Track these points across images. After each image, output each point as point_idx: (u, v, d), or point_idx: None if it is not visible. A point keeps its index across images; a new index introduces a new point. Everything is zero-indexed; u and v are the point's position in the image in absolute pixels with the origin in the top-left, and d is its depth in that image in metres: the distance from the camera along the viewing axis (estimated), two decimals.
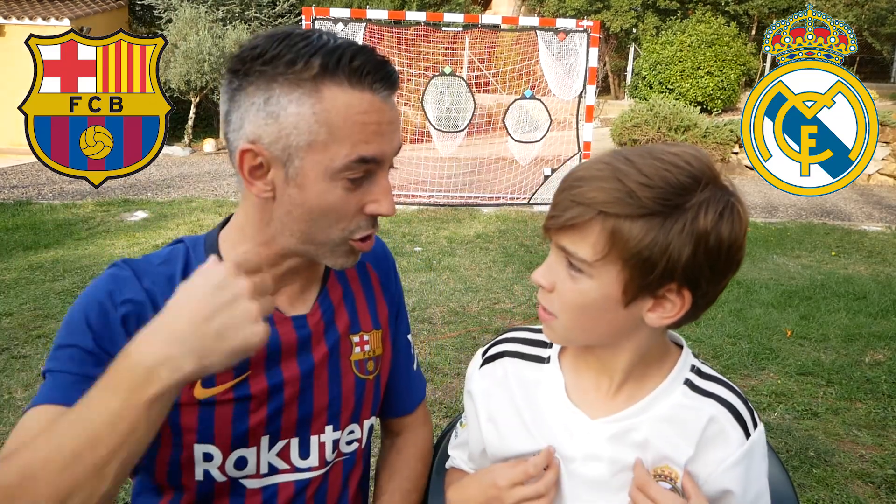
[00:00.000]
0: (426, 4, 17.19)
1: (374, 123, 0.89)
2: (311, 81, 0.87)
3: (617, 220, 0.80)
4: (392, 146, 0.93)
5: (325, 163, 0.89)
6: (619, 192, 0.80)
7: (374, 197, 0.93)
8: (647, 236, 0.80)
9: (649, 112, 13.46)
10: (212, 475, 1.00)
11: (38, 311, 4.44)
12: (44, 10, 14.75)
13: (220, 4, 16.34)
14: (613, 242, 0.81)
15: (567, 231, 0.83)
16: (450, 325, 4.44)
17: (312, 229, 0.93)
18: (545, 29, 8.77)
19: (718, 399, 0.94)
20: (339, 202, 0.91)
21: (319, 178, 0.90)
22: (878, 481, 2.74)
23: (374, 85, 0.89)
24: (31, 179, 10.27)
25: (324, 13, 8.47)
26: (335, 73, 0.88)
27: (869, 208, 9.97)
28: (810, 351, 4.13)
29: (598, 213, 0.81)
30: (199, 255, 1.03)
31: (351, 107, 0.88)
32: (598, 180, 0.82)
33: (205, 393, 0.97)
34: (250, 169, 0.92)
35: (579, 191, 0.82)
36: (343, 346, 1.08)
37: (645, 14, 18.01)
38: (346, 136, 0.88)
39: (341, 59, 0.88)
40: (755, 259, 6.51)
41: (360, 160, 0.89)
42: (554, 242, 0.86)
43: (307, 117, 0.88)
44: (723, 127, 13.50)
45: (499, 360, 1.02)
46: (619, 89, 18.94)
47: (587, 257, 0.83)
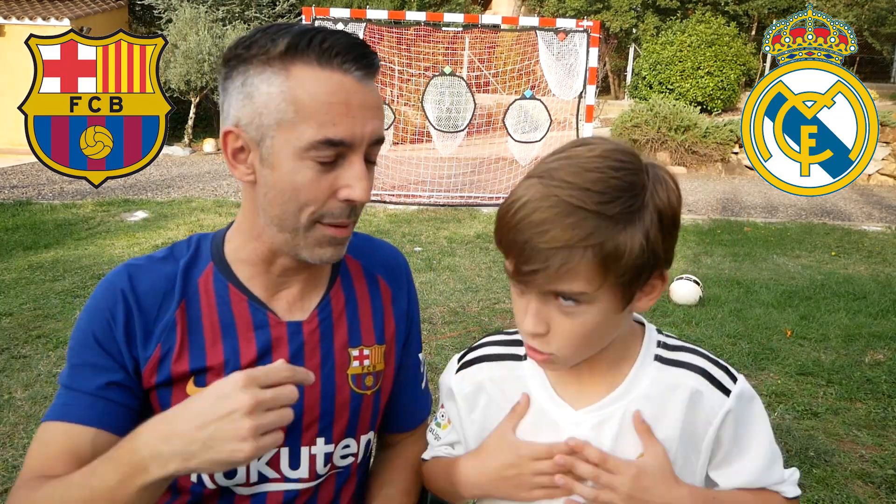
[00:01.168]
0: (426, 4, 17.18)
1: (342, 104, 0.88)
2: (280, 60, 0.88)
3: (602, 247, 0.79)
4: (364, 130, 0.89)
5: (294, 142, 0.88)
6: (588, 219, 0.78)
7: (346, 181, 0.90)
8: (633, 246, 0.80)
9: (649, 112, 13.47)
10: (203, 480, 1.00)
11: (38, 311, 4.44)
12: (44, 10, 14.75)
13: (219, 4, 16.34)
14: (607, 267, 0.80)
15: (550, 276, 0.80)
16: (450, 325, 4.44)
17: (285, 213, 0.92)
18: (545, 29, 8.77)
19: (690, 367, 0.94)
20: (308, 183, 0.89)
21: (289, 158, 0.89)
22: (878, 481, 2.74)
23: (346, 65, 0.88)
24: (31, 179, 10.27)
25: (324, 13, 8.47)
26: (305, 53, 0.88)
27: (869, 208, 9.97)
28: (810, 351, 4.13)
29: (584, 248, 0.78)
30: (204, 253, 1.03)
31: (318, 85, 0.87)
32: (561, 217, 0.79)
33: (197, 391, 0.96)
34: (233, 151, 0.94)
35: (551, 235, 0.78)
36: (339, 358, 1.06)
37: (645, 14, 18.01)
38: (312, 116, 0.87)
39: (312, 40, 0.88)
40: (755, 259, 6.51)
41: (327, 142, 0.87)
42: (537, 291, 0.83)
43: (276, 96, 0.88)
44: (723, 127, 13.50)
45: (476, 365, 1.03)
46: (619, 89, 18.94)
47: (587, 290, 0.81)
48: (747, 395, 0.94)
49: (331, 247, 0.95)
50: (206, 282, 1.01)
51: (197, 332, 0.99)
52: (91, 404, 0.93)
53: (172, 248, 1.05)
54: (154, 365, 0.97)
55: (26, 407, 3.16)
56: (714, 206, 9.70)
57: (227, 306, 1.00)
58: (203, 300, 1.00)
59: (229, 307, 1.00)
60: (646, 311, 0.92)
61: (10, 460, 2.72)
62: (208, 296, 1.00)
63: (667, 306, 4.85)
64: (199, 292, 1.00)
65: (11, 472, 2.64)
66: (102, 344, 0.96)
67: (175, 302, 0.99)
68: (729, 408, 0.92)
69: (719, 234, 7.66)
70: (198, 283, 1.01)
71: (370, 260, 1.15)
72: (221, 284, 1.01)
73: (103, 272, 5.25)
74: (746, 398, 0.94)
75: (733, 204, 9.91)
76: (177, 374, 0.97)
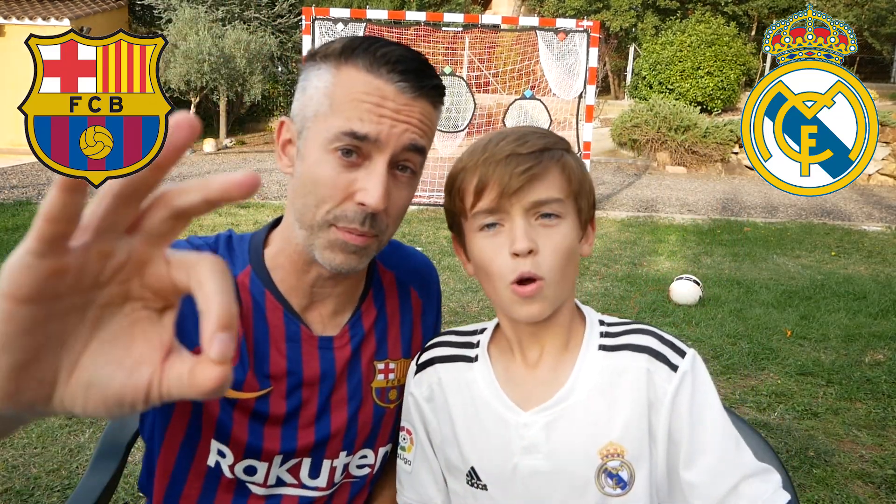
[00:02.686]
0: (426, 4, 17.18)
1: (375, 105, 0.88)
2: (335, 59, 0.90)
3: (562, 158, 0.92)
4: (391, 132, 0.88)
5: (323, 133, 0.89)
6: (547, 135, 0.93)
7: (363, 184, 0.89)
8: (576, 165, 0.93)
9: (649, 112, 13.47)
10: (222, 469, 0.99)
11: None
12: (44, 10, 14.76)
13: (219, 4, 16.34)
14: (568, 177, 0.91)
15: (534, 184, 0.88)
16: (450, 325, 4.43)
17: (305, 207, 0.91)
18: (545, 29, 8.77)
19: (635, 348, 0.94)
20: (328, 177, 0.89)
21: (317, 149, 0.90)
22: (878, 481, 2.74)
23: (392, 75, 0.89)
24: (31, 179, 10.27)
25: (324, 13, 8.47)
26: (358, 56, 0.89)
27: (869, 208, 9.97)
28: (810, 351, 4.13)
29: (553, 152, 0.91)
30: (241, 253, 1.00)
31: (356, 85, 0.89)
32: (529, 133, 0.92)
33: (231, 393, 0.95)
34: (283, 143, 0.96)
35: (531, 143, 0.90)
36: (365, 371, 1.05)
37: (645, 14, 18.01)
38: (343, 110, 0.88)
39: (369, 48, 0.89)
40: (755, 259, 6.51)
41: (350, 133, 0.87)
42: (519, 205, 0.89)
43: (321, 90, 0.90)
44: (723, 127, 13.50)
45: (431, 367, 1.03)
46: (619, 89, 18.93)
47: (561, 196, 0.90)
48: (696, 368, 0.92)
49: (342, 253, 0.91)
50: (244, 284, 0.98)
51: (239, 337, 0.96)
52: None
53: (216, 242, 1.01)
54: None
55: None
56: (714, 206, 9.70)
57: (262, 313, 0.98)
58: (243, 302, 0.97)
59: (263, 314, 0.98)
60: (589, 255, 0.99)
61: (10, 460, 2.72)
62: (245, 298, 0.98)
63: (667, 306, 4.86)
64: (238, 292, 0.97)
65: (11, 472, 2.64)
66: None
67: None
68: (678, 383, 0.90)
69: (719, 234, 7.66)
70: (238, 281, 0.98)
71: (403, 270, 1.13)
72: (258, 289, 0.98)
73: None
74: (696, 372, 0.92)
75: (733, 204, 9.91)
76: None
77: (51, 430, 2.93)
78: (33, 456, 2.75)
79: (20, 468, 2.67)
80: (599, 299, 5.02)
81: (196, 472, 0.99)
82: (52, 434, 2.90)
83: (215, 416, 0.96)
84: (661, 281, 5.42)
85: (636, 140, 13.64)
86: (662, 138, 13.32)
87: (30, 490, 2.53)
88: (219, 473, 0.99)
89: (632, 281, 5.55)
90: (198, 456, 0.98)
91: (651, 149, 13.67)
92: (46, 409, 0.42)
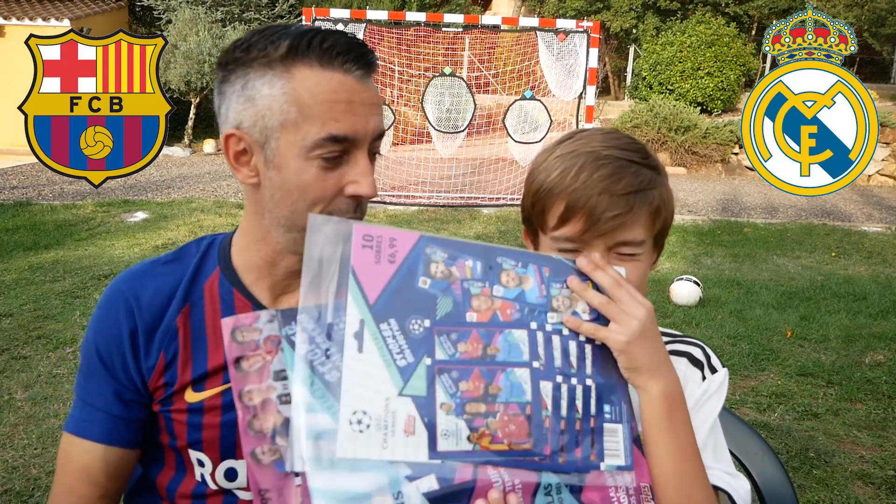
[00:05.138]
0: (426, 5, 17.18)
1: (345, 102, 0.88)
2: (281, 62, 0.89)
3: (654, 200, 0.89)
4: (367, 126, 0.90)
5: (299, 142, 0.89)
6: (643, 170, 0.88)
7: (352, 178, 0.91)
8: (668, 196, 0.92)
9: (649, 113, 13.47)
10: (206, 481, 1.00)
11: (38, 311, 4.44)
12: (44, 10, 14.76)
13: (219, 5, 16.35)
14: (656, 215, 0.89)
15: (623, 227, 0.87)
16: None
17: (294, 213, 0.92)
18: (545, 29, 8.77)
19: (676, 353, 0.95)
20: (315, 181, 0.90)
21: (295, 158, 0.90)
22: (878, 482, 2.74)
23: (346, 65, 0.89)
24: (31, 180, 10.27)
25: (324, 14, 8.48)
26: (305, 54, 0.89)
27: (869, 209, 9.97)
28: (810, 352, 4.13)
29: (646, 193, 0.88)
30: (212, 257, 1.04)
31: (320, 85, 0.88)
32: (624, 168, 0.87)
33: (195, 397, 0.97)
34: (235, 154, 0.94)
35: (625, 182, 0.86)
36: None
37: (645, 14, 18.01)
38: (316, 115, 0.88)
39: (312, 41, 0.89)
40: (755, 260, 6.51)
41: (331, 138, 0.88)
42: (602, 242, 0.88)
43: (278, 98, 0.89)
44: (723, 127, 13.50)
45: None
46: (619, 90, 18.93)
47: (645, 238, 0.89)
48: (723, 389, 0.94)
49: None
50: (212, 287, 1.01)
51: (200, 339, 0.98)
52: (101, 421, 0.98)
53: (181, 251, 1.05)
54: (160, 373, 0.98)
55: (26, 408, 3.15)
56: (714, 206, 9.70)
57: (231, 312, 1.00)
58: (207, 306, 1.00)
59: (233, 313, 0.99)
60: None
61: (10, 461, 2.72)
62: (213, 301, 1.00)
63: (667, 307, 4.85)
64: (203, 297, 1.00)
65: (11, 473, 2.63)
66: (110, 358, 0.98)
67: (177, 307, 0.99)
68: (703, 391, 0.93)
69: (719, 234, 7.66)
70: (203, 287, 1.01)
71: None
72: (226, 290, 1.01)
73: (103, 273, 5.25)
74: (721, 391, 0.94)
75: (733, 204, 9.91)
76: (181, 383, 0.97)
77: (51, 431, 2.93)
78: (33, 457, 2.75)
79: (20, 469, 2.67)
80: None
81: (182, 493, 1.01)
82: (52, 435, 2.90)
83: (184, 430, 0.98)
84: (661, 281, 5.42)
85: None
86: (662, 139, 13.32)
87: (30, 491, 2.53)
88: (204, 488, 1.00)
89: None
90: (185, 480, 1.00)
91: (651, 149, 13.67)
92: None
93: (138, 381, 0.98)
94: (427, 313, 0.75)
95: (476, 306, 0.77)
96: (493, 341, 0.77)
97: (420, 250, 0.78)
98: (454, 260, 0.78)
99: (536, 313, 0.79)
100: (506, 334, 0.77)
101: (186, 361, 0.97)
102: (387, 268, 0.76)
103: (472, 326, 0.77)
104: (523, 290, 0.80)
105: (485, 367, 0.75)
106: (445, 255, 0.78)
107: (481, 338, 0.76)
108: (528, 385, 0.76)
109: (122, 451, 0.99)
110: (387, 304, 0.74)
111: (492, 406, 0.74)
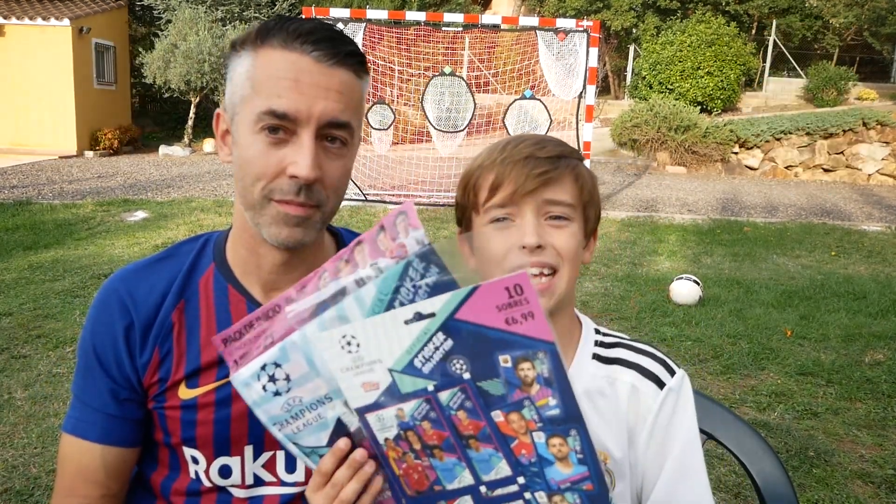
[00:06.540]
0: (426, 4, 17.18)
1: (292, 80, 0.89)
2: (252, 45, 0.93)
3: (577, 167, 0.96)
4: (311, 107, 0.89)
5: (248, 115, 0.92)
6: (563, 145, 0.97)
7: (292, 158, 0.91)
8: (588, 176, 0.98)
9: (649, 112, 13.48)
10: (200, 478, 1.00)
11: (37, 311, 4.44)
12: (44, 9, 14.74)
13: (219, 5, 16.34)
14: (581, 186, 0.96)
15: (549, 185, 0.93)
16: None
17: (244, 188, 0.94)
18: (545, 29, 8.77)
19: (624, 363, 0.98)
20: (258, 156, 0.91)
21: (246, 133, 0.92)
22: (878, 481, 2.74)
23: (305, 46, 0.90)
24: (31, 179, 10.28)
25: (323, 13, 8.48)
26: (273, 36, 0.91)
27: (869, 208, 9.98)
28: (810, 351, 4.13)
29: (569, 159, 0.95)
30: (208, 253, 1.05)
31: (274, 63, 0.90)
32: (547, 142, 0.96)
33: (188, 394, 0.97)
34: (222, 134, 0.99)
35: (549, 148, 0.95)
36: None
37: (645, 14, 18.01)
38: (263, 89, 0.90)
39: (283, 26, 0.92)
40: (755, 259, 6.51)
41: (270, 112, 0.89)
42: (531, 202, 0.93)
43: (242, 75, 0.93)
44: (723, 127, 13.51)
45: None
46: (619, 89, 18.94)
47: (571, 201, 0.94)
48: (682, 389, 0.96)
49: (286, 227, 0.93)
50: (207, 283, 1.02)
51: (194, 334, 0.99)
52: (98, 421, 0.99)
53: (175, 249, 1.06)
54: (154, 369, 0.98)
55: (26, 407, 3.15)
56: (714, 206, 9.70)
57: (226, 307, 1.01)
58: (202, 301, 1.01)
59: (227, 308, 1.01)
60: (588, 264, 1.03)
61: (10, 460, 2.72)
62: (208, 297, 1.01)
63: (667, 306, 4.86)
64: (198, 293, 1.01)
65: (11, 472, 2.64)
66: (105, 357, 0.99)
67: (173, 303, 0.99)
68: (662, 399, 0.94)
69: (719, 234, 7.66)
70: (198, 283, 1.02)
71: None
72: (221, 286, 1.02)
73: (103, 272, 5.25)
74: (681, 392, 0.96)
75: (733, 204, 9.92)
76: (175, 379, 0.98)
77: (51, 430, 2.93)
78: (33, 456, 2.75)
79: (20, 468, 2.67)
80: (599, 299, 5.02)
81: (177, 490, 1.01)
82: (51, 434, 2.90)
83: (178, 428, 0.98)
84: (661, 281, 5.42)
85: (636, 140, 13.65)
86: (662, 138, 13.33)
87: (30, 490, 2.53)
88: (198, 485, 1.00)
89: (632, 281, 5.55)
90: (181, 476, 1.01)
91: (651, 149, 13.67)
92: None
93: (133, 379, 0.98)
94: (474, 370, 0.72)
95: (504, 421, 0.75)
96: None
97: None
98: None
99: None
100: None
101: (180, 357, 0.98)
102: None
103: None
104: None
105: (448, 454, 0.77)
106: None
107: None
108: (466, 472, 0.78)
109: (119, 450, 1.00)
110: (459, 329, 0.71)
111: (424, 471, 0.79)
